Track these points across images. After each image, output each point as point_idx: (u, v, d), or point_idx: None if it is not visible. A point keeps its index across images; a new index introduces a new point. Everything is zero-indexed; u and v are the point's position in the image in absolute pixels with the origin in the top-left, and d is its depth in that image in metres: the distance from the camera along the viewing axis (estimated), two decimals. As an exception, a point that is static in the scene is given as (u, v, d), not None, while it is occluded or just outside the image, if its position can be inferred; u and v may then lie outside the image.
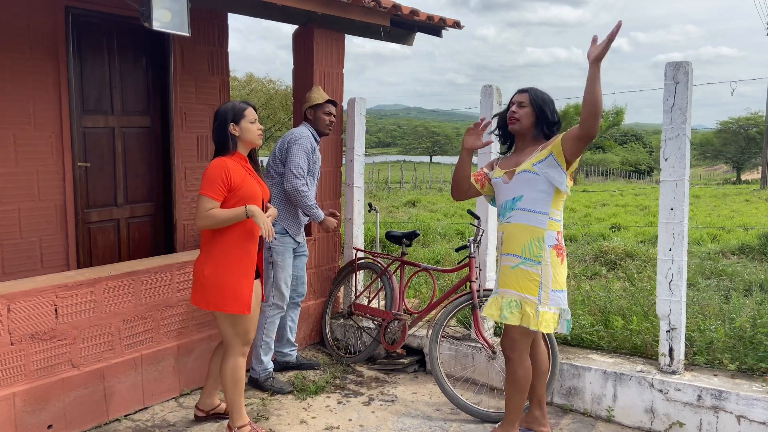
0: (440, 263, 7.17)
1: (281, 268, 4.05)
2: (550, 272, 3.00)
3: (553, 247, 3.03)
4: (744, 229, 9.93)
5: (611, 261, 7.29)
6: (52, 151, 4.47)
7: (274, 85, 19.88)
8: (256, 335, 4.13)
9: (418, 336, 4.48)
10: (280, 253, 4.04)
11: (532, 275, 3.02)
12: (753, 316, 3.91)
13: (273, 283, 4.06)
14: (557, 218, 3.07)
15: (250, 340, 3.25)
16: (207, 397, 3.56)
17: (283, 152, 4.08)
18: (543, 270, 3.00)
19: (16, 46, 4.21)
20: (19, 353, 3.17)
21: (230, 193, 3.06)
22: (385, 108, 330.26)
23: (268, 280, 4.05)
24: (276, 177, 4.10)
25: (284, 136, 4.20)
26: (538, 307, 3.00)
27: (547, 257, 3.01)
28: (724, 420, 3.31)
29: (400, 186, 28.39)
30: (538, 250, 3.01)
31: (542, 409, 3.37)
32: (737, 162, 51.25)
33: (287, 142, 4.08)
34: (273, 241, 3.97)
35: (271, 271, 4.05)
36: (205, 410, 3.56)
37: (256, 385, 4.09)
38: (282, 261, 4.05)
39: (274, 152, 4.16)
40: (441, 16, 5.23)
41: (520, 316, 3.03)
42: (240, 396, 3.24)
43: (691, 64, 3.44)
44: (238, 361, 3.21)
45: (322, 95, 4.27)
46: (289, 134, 4.17)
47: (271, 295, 4.06)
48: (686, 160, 3.44)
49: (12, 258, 4.31)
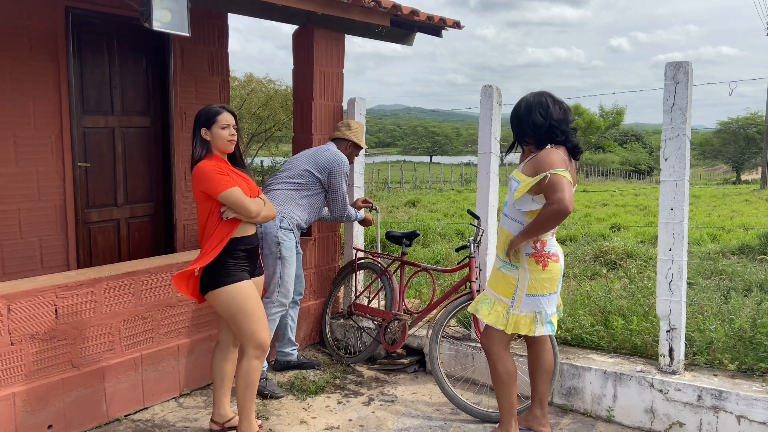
0: (440, 263, 7.17)
1: (290, 264, 3.98)
2: (527, 278, 3.07)
3: (531, 255, 3.07)
4: (744, 229, 9.94)
5: (611, 261, 7.28)
6: (52, 151, 4.47)
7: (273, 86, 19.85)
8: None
9: (418, 336, 4.48)
10: (290, 249, 3.97)
11: (510, 279, 3.12)
12: (753, 316, 3.91)
13: (279, 279, 3.95)
14: None
15: (260, 342, 3.15)
16: (219, 408, 3.43)
17: (324, 172, 4.15)
18: (520, 275, 3.09)
19: (16, 46, 4.21)
20: (19, 353, 3.17)
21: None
22: (385, 108, 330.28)
23: (273, 276, 3.94)
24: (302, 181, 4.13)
25: (330, 157, 4.19)
26: (509, 309, 3.11)
27: (524, 264, 3.08)
28: (724, 420, 3.31)
29: (400, 186, 28.39)
30: (516, 256, 3.10)
31: (543, 409, 3.37)
32: (737, 162, 51.26)
33: (334, 168, 4.16)
34: (282, 236, 3.96)
35: (279, 267, 3.94)
36: (220, 422, 3.44)
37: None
38: (290, 257, 3.98)
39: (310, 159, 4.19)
40: (441, 17, 5.23)
41: (488, 312, 3.17)
42: (249, 402, 3.20)
43: (691, 64, 3.44)
44: (251, 364, 3.16)
45: (363, 138, 4.52)
46: (335, 157, 4.19)
47: (275, 292, 3.96)
48: (686, 160, 3.44)
49: (12, 258, 4.31)
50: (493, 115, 4.13)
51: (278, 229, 3.95)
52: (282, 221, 3.97)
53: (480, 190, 4.23)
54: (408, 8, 4.86)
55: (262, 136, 21.07)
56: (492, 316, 3.16)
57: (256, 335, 3.15)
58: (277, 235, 3.94)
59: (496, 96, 4.15)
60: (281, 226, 3.96)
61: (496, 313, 3.14)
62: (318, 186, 4.18)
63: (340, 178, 4.18)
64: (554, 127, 3.01)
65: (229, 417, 3.43)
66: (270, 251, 3.93)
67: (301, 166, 4.16)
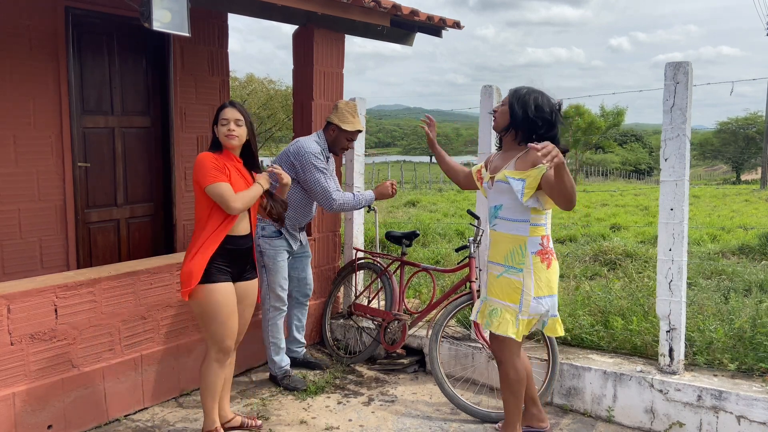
0: (440, 263, 7.16)
1: (273, 272, 4.03)
2: (532, 279, 3.01)
3: (537, 252, 3.02)
4: (744, 229, 9.93)
5: (611, 261, 7.28)
6: (52, 152, 4.47)
7: (274, 86, 19.89)
8: (264, 337, 4.14)
9: (418, 336, 4.48)
10: (272, 257, 4.01)
11: (515, 283, 3.04)
12: (753, 317, 3.91)
13: (267, 285, 4.05)
14: (541, 223, 3.04)
15: (223, 347, 3.12)
16: (220, 410, 3.39)
17: (296, 166, 3.95)
18: (524, 277, 3.01)
19: (16, 46, 4.21)
20: (19, 353, 3.17)
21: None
22: (385, 108, 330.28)
23: (262, 283, 4.03)
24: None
25: (296, 149, 3.98)
26: (518, 315, 3.04)
27: (529, 263, 3.01)
28: (724, 420, 3.31)
29: (400, 186, 28.40)
30: (519, 258, 3.03)
31: (537, 406, 3.39)
32: (737, 162, 51.26)
33: (299, 159, 3.93)
34: (264, 244, 3.98)
35: (265, 275, 4.03)
36: (221, 422, 3.39)
37: (275, 382, 4.16)
38: (274, 264, 4.02)
39: (283, 155, 4.07)
40: (441, 17, 5.24)
41: (498, 323, 3.08)
42: (209, 400, 3.19)
43: (691, 64, 3.44)
44: (210, 367, 3.15)
45: (354, 121, 4.09)
46: (299, 148, 3.96)
47: (267, 298, 4.06)
48: (686, 160, 3.44)
49: (12, 258, 4.31)
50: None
51: (260, 237, 3.99)
52: (264, 229, 3.98)
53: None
54: (408, 8, 4.86)
55: (263, 136, 21.11)
56: (502, 326, 3.06)
57: (219, 340, 3.11)
58: (259, 244, 3.98)
59: (496, 96, 4.15)
60: (263, 235, 3.99)
61: (505, 321, 3.06)
62: (296, 182, 4.01)
63: (308, 169, 3.92)
64: (555, 125, 2.99)
65: (229, 418, 3.43)
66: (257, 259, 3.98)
67: (279, 164, 4.04)
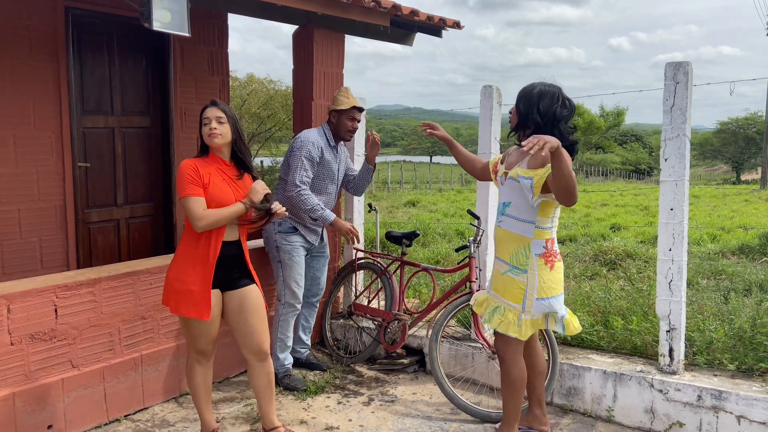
0: (440, 263, 7.17)
1: (289, 267, 4.03)
2: (536, 281, 3.01)
3: (541, 255, 3.02)
4: (744, 229, 9.93)
5: (611, 261, 7.29)
6: (52, 152, 4.47)
7: (274, 86, 19.89)
8: (271, 333, 4.11)
9: (418, 336, 4.48)
10: (288, 252, 4.02)
11: (519, 283, 3.05)
12: (753, 317, 3.91)
13: (282, 281, 4.06)
14: (546, 226, 3.04)
15: (199, 349, 3.09)
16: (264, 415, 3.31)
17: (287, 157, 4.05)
18: (529, 279, 3.03)
19: (16, 46, 4.21)
20: (19, 353, 3.17)
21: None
22: (385, 108, 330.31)
23: (277, 279, 4.07)
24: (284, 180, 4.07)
25: (296, 138, 4.08)
26: (521, 315, 3.05)
27: (533, 265, 3.02)
28: (724, 420, 3.31)
29: (400, 186, 28.38)
30: (524, 259, 3.04)
31: (542, 408, 3.38)
32: (737, 162, 51.25)
33: (290, 147, 4.05)
34: (280, 240, 3.99)
35: (279, 270, 4.05)
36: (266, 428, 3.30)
37: (276, 381, 4.10)
38: (289, 260, 4.03)
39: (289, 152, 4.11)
40: (441, 17, 5.24)
41: (499, 321, 3.09)
42: (198, 402, 3.18)
43: (691, 64, 3.44)
44: (191, 368, 3.15)
45: (348, 100, 4.08)
46: (298, 137, 4.05)
47: (283, 293, 4.07)
48: (686, 160, 3.44)
49: (12, 258, 4.31)
50: (493, 116, 4.12)
51: (276, 233, 4.02)
52: (281, 225, 4.01)
53: (480, 190, 4.23)
54: (408, 8, 4.86)
55: (263, 136, 21.10)
56: (504, 324, 3.08)
57: (197, 343, 3.09)
58: (276, 239, 4.02)
59: (496, 96, 4.15)
60: (279, 230, 4.02)
61: (507, 320, 3.07)
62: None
63: (294, 153, 3.94)
64: (559, 121, 2.99)
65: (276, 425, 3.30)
66: (271, 254, 4.08)
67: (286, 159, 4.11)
